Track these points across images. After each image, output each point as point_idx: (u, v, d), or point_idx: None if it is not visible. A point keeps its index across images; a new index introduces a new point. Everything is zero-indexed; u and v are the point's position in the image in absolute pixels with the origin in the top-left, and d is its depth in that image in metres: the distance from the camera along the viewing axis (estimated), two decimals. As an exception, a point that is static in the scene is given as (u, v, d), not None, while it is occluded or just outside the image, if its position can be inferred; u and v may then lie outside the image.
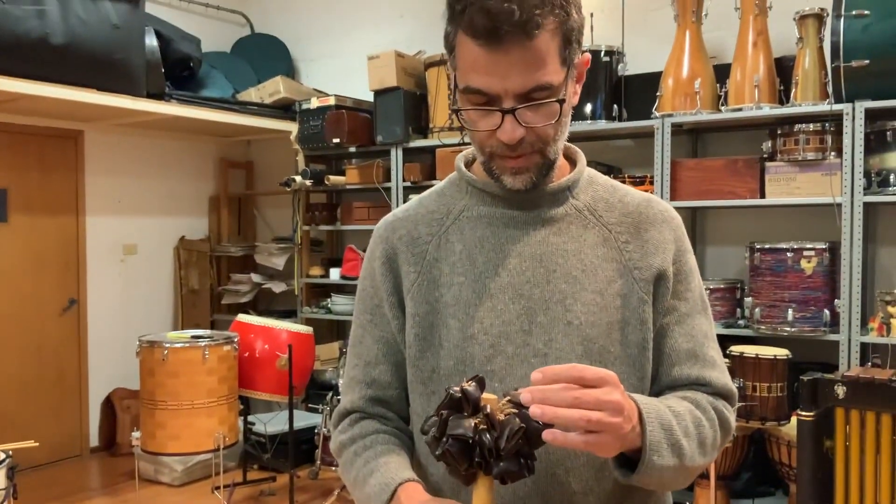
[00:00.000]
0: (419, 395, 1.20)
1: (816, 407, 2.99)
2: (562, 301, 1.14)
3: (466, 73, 1.07)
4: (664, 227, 1.22)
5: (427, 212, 1.24)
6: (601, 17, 4.54)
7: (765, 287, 3.73)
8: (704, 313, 1.23)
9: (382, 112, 4.87)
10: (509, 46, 1.02)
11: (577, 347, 1.13)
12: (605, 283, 1.16)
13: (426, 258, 1.20)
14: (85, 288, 5.26)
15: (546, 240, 1.17)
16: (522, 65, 1.03)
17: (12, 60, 3.85)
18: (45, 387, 5.06)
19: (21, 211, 4.93)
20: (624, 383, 1.12)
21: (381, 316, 1.23)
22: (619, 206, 1.22)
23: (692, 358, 1.19)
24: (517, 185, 1.13)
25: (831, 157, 3.64)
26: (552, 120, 1.08)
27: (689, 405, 1.13)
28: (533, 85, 1.04)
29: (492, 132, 1.08)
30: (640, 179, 4.05)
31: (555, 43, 1.05)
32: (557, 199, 1.20)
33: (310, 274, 5.35)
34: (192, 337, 4.36)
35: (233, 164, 6.18)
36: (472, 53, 1.05)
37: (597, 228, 1.19)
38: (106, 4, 4.24)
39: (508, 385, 1.13)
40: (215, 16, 6.01)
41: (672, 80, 3.97)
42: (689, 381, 1.19)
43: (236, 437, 4.47)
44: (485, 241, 1.18)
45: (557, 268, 1.16)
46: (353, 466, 1.19)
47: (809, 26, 3.73)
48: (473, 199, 1.22)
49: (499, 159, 1.12)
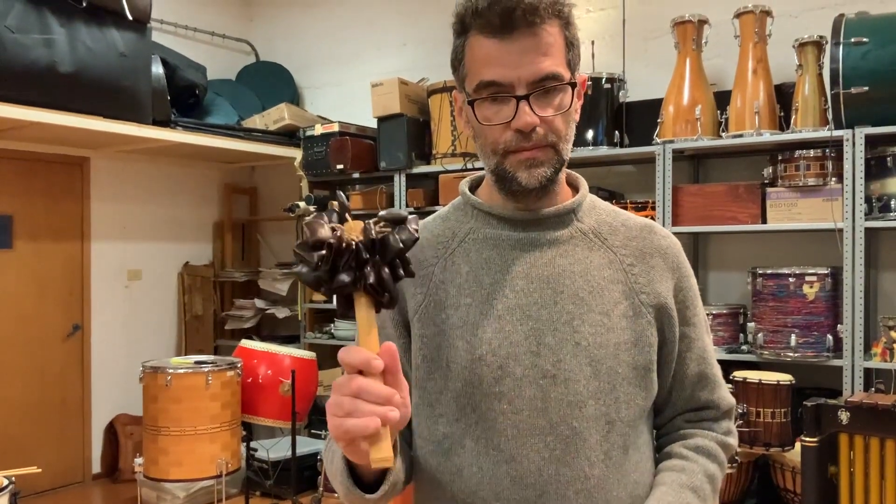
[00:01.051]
0: (426, 417, 1.20)
1: (820, 433, 2.99)
2: (569, 322, 1.15)
3: (479, 70, 1.12)
4: (667, 254, 1.25)
5: (432, 236, 1.25)
6: (602, 44, 4.59)
7: (767, 312, 3.74)
8: (707, 331, 1.30)
9: (386, 138, 4.91)
10: (520, 35, 1.09)
11: (585, 368, 1.15)
12: (612, 304, 1.18)
13: (432, 280, 1.20)
14: (89, 313, 5.27)
15: (553, 261, 1.18)
16: (533, 52, 1.09)
17: (20, 88, 3.89)
18: (48, 412, 5.06)
19: (26, 237, 4.96)
20: (630, 403, 1.17)
21: (384, 337, 1.23)
22: (623, 230, 1.25)
23: (703, 380, 1.27)
24: (532, 181, 1.14)
25: (832, 183, 3.66)
26: (563, 110, 1.13)
27: (704, 462, 1.23)
28: (544, 73, 1.10)
29: (506, 125, 1.12)
30: (643, 205, 4.07)
31: (560, 40, 1.12)
32: (563, 221, 1.21)
33: (313, 299, 5.36)
34: (195, 362, 4.36)
35: (237, 190, 6.22)
36: (483, 49, 1.11)
37: (602, 251, 1.21)
38: (113, 33, 4.30)
39: (517, 407, 1.13)
40: (221, 44, 6.08)
41: (673, 107, 4.01)
42: (700, 404, 1.28)
43: (239, 464, 4.45)
44: (491, 263, 1.19)
45: (564, 289, 1.17)
46: (329, 447, 1.18)
47: (809, 53, 3.77)
48: (479, 221, 1.23)
49: (513, 155, 1.14)
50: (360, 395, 0.90)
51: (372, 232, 0.90)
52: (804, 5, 4.12)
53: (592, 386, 1.14)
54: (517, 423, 1.13)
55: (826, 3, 4.04)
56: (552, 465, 1.13)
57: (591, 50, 4.53)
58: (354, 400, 0.90)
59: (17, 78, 3.86)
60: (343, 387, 0.91)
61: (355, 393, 0.90)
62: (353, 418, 0.89)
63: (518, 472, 1.13)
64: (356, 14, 5.78)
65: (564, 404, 1.13)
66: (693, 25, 4.00)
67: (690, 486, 1.18)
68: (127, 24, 4.36)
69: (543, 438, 1.13)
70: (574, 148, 1.19)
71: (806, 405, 3.02)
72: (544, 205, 1.20)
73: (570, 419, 1.13)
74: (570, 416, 1.13)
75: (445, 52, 1.20)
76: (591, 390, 1.14)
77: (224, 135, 5.12)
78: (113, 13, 4.28)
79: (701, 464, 1.22)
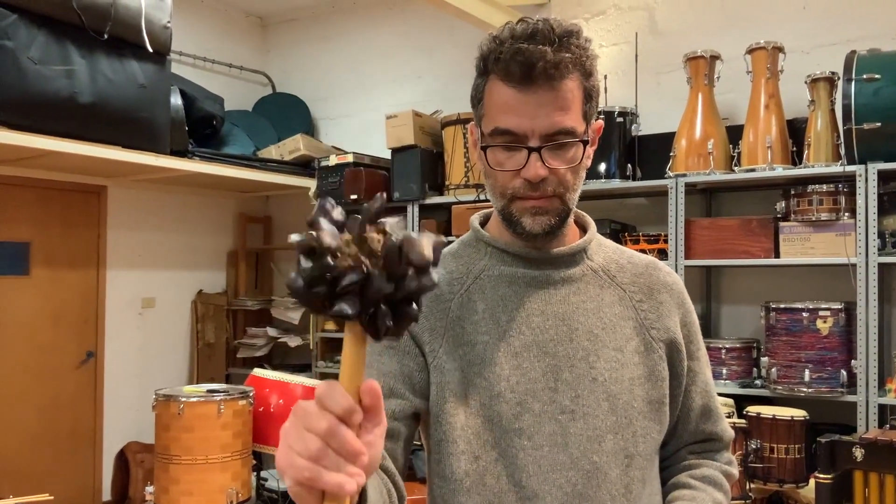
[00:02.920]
0: (446, 455, 1.18)
1: (834, 469, 2.96)
2: (585, 358, 1.17)
3: (496, 116, 1.14)
4: (673, 290, 1.29)
5: (447, 272, 1.25)
6: (615, 78, 4.63)
7: (781, 347, 3.72)
8: (707, 364, 1.32)
9: (399, 169, 4.95)
10: (539, 88, 1.10)
11: (602, 404, 1.16)
12: (624, 340, 1.20)
13: (449, 315, 1.20)
14: (103, 341, 5.30)
15: (567, 299, 1.20)
16: (550, 106, 1.11)
17: (41, 118, 3.96)
18: (60, 439, 5.07)
19: (43, 264, 5.01)
20: (647, 437, 1.19)
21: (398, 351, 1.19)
22: (630, 267, 1.28)
23: (706, 413, 1.30)
24: (536, 227, 1.16)
25: (845, 218, 3.65)
26: (574, 163, 1.14)
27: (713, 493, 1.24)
28: (558, 128, 1.11)
29: (516, 172, 1.14)
30: (655, 238, 4.08)
31: (578, 94, 1.13)
32: (574, 259, 1.24)
33: (325, 328, 5.37)
34: (207, 391, 4.36)
35: (251, 219, 6.27)
36: (503, 96, 1.12)
37: (612, 288, 1.24)
38: (133, 65, 4.37)
39: (537, 443, 1.14)
40: (238, 76, 6.17)
41: (685, 141, 4.03)
42: (704, 436, 1.31)
43: (249, 493, 4.43)
44: (507, 301, 1.20)
45: (579, 326, 1.19)
46: None
47: (821, 89, 3.79)
48: (493, 259, 1.24)
49: (519, 201, 1.16)
50: (331, 442, 0.73)
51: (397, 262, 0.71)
52: (816, 41, 4.15)
53: (610, 421, 1.16)
54: (538, 458, 1.14)
55: (838, 40, 4.07)
56: (575, 500, 1.13)
57: (603, 84, 4.57)
58: (325, 446, 0.73)
59: (37, 108, 3.93)
60: (312, 421, 0.74)
61: (325, 436, 0.73)
62: (318, 467, 0.73)
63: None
64: (371, 47, 5.85)
65: (584, 439, 1.15)
66: (705, 61, 4.03)
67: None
68: (147, 56, 4.43)
69: (565, 474, 1.14)
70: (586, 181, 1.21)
71: (820, 441, 3.00)
72: (553, 245, 1.23)
73: (591, 454, 1.14)
74: (590, 450, 1.14)
75: (459, 84, 1.24)
76: (608, 425, 1.15)
77: (240, 165, 5.18)
78: (133, 45, 4.36)
79: (709, 493, 1.24)
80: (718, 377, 3.91)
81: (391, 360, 1.19)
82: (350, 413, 0.74)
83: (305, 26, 6.23)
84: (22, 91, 3.86)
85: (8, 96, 3.81)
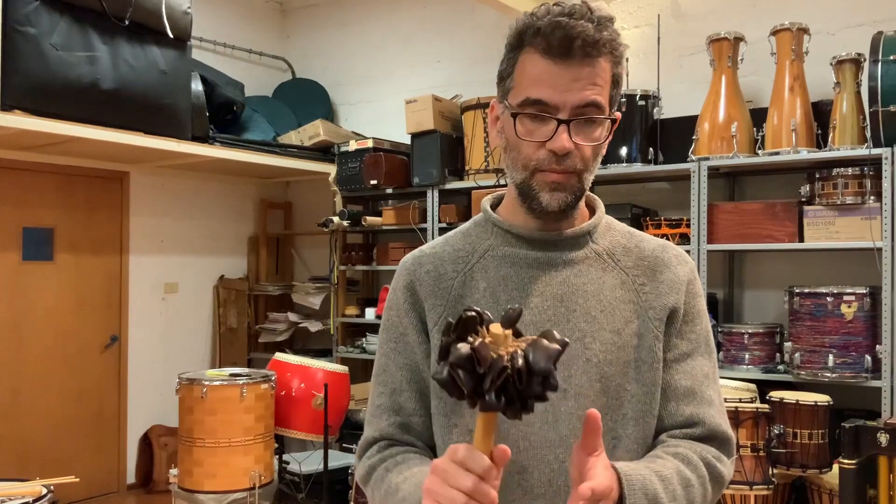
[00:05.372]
0: (441, 427, 1.23)
1: (859, 455, 2.94)
2: (581, 339, 1.19)
3: (528, 87, 1.15)
4: (679, 268, 1.27)
5: (453, 250, 1.29)
6: (637, 61, 4.59)
7: (804, 332, 3.69)
8: (708, 356, 1.27)
9: (419, 154, 4.94)
10: (575, 62, 1.12)
11: (595, 384, 1.18)
12: (623, 323, 1.21)
13: (451, 294, 1.24)
14: (126, 326, 5.36)
15: (567, 280, 1.22)
16: (584, 81, 1.13)
17: (64, 105, 3.99)
18: (85, 423, 5.14)
19: (67, 250, 5.06)
20: (638, 421, 1.19)
21: (405, 344, 1.27)
22: (636, 252, 1.28)
23: (689, 396, 1.23)
24: (553, 203, 1.18)
25: (870, 202, 3.61)
26: (598, 142, 1.17)
27: (678, 464, 1.15)
28: (588, 100, 1.14)
29: (542, 144, 1.15)
30: (677, 222, 4.05)
31: (608, 77, 1.16)
32: (578, 242, 1.25)
33: (345, 313, 5.39)
34: (230, 375, 4.40)
35: (272, 205, 6.29)
36: (537, 68, 1.14)
37: (615, 272, 1.25)
38: (154, 51, 4.39)
39: (528, 420, 1.14)
40: (258, 61, 6.18)
41: (708, 124, 3.99)
42: (683, 419, 1.22)
43: (271, 476, 4.47)
44: (508, 280, 1.23)
45: (577, 307, 1.21)
46: (384, 482, 1.20)
47: (846, 71, 3.73)
48: (498, 239, 1.26)
49: (540, 174, 1.17)
50: (474, 496, 0.93)
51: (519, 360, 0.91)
52: (842, 23, 4.09)
53: (601, 402, 1.17)
54: (528, 435, 1.17)
55: (864, 21, 4.01)
56: (561, 477, 1.16)
57: (626, 67, 4.53)
58: (469, 500, 0.93)
59: (60, 94, 3.96)
60: (455, 479, 0.94)
61: (470, 492, 0.93)
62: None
63: (529, 482, 1.17)
64: (391, 32, 5.84)
65: (574, 418, 1.17)
66: (729, 43, 3.98)
67: (657, 472, 1.11)
68: (168, 42, 4.45)
69: (554, 451, 1.17)
70: (608, 164, 1.21)
71: (844, 427, 2.97)
72: (562, 226, 1.24)
73: (579, 433, 1.13)
74: (579, 429, 1.13)
75: (479, 69, 1.23)
76: (599, 406, 1.16)
77: (260, 150, 5.20)
78: (154, 31, 4.37)
79: (673, 463, 1.15)
80: (741, 362, 3.89)
81: (400, 357, 1.27)
82: (488, 472, 0.93)
83: (325, 12, 6.22)
84: (45, 77, 3.89)
85: (31, 83, 3.84)
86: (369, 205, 5.63)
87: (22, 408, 4.82)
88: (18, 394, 4.81)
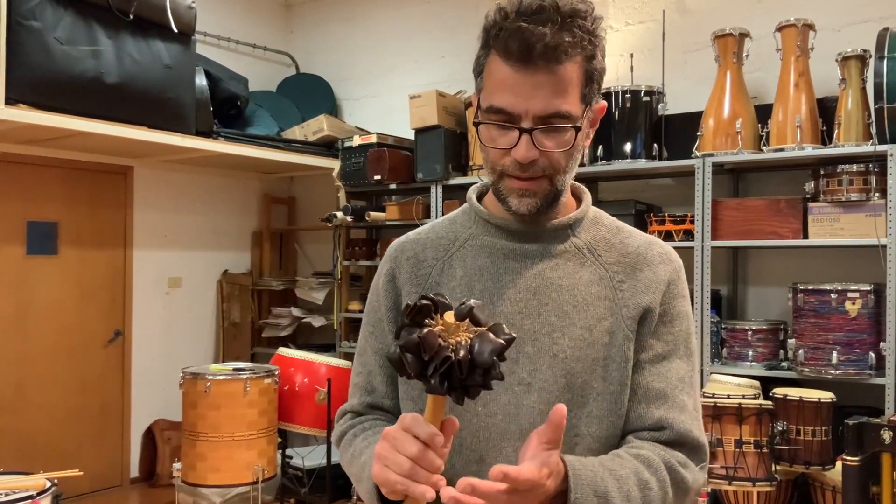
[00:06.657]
0: (408, 410, 1.24)
1: (862, 452, 2.93)
2: (550, 334, 1.18)
3: (492, 92, 1.13)
4: (660, 267, 1.24)
5: (437, 237, 1.29)
6: (641, 57, 4.57)
7: (808, 329, 3.68)
8: (686, 359, 1.22)
9: (423, 150, 4.94)
10: (537, 69, 1.09)
11: (560, 380, 1.16)
12: (595, 320, 1.19)
13: (428, 281, 1.25)
14: (130, 320, 5.37)
15: (542, 274, 1.21)
16: (546, 88, 1.10)
17: (68, 99, 3.99)
18: (89, 416, 5.15)
19: (71, 244, 5.07)
20: (603, 420, 1.17)
21: (381, 329, 1.29)
22: (620, 247, 1.25)
23: (661, 398, 1.18)
24: (522, 208, 1.17)
25: (875, 198, 3.60)
26: (566, 148, 1.13)
27: (638, 465, 1.12)
28: (553, 110, 1.10)
29: (506, 151, 1.14)
30: (681, 219, 4.04)
31: (578, 77, 1.12)
32: (559, 235, 1.23)
33: (349, 309, 5.40)
34: (233, 369, 4.41)
35: (276, 200, 6.29)
36: (500, 74, 1.12)
37: (594, 267, 1.22)
38: (159, 45, 4.39)
39: (491, 410, 1.17)
40: (262, 56, 6.17)
41: (713, 120, 3.98)
42: (652, 421, 1.18)
43: (275, 471, 4.49)
44: (484, 271, 1.22)
45: (550, 301, 1.19)
46: (352, 445, 1.25)
47: (852, 67, 3.72)
48: (480, 228, 1.26)
49: (508, 179, 1.16)
50: (419, 461, 0.97)
51: (462, 351, 0.95)
52: (847, 19, 4.08)
53: (565, 398, 1.15)
54: (490, 426, 1.17)
55: (870, 17, 3.99)
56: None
57: (630, 63, 4.52)
58: (414, 465, 0.97)
59: (64, 88, 3.95)
60: (402, 445, 0.98)
61: (415, 458, 0.97)
62: (410, 481, 0.97)
63: (485, 473, 1.14)
64: (395, 27, 5.83)
65: (536, 413, 1.15)
66: (734, 39, 3.97)
67: (612, 470, 1.09)
68: (172, 37, 4.45)
69: (513, 443, 1.15)
70: (612, 160, 1.20)
71: (848, 424, 2.97)
72: (544, 219, 1.22)
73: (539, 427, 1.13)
74: (539, 423, 1.10)
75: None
76: (563, 402, 1.11)
77: (264, 145, 5.19)
78: (159, 26, 4.37)
79: (633, 464, 1.12)
80: (745, 359, 3.88)
81: (375, 341, 1.30)
82: (433, 438, 0.97)
83: (329, 6, 6.22)
84: (49, 71, 3.89)
85: (35, 77, 3.84)
86: (373, 200, 5.63)
87: (26, 401, 4.83)
88: (22, 388, 4.82)
